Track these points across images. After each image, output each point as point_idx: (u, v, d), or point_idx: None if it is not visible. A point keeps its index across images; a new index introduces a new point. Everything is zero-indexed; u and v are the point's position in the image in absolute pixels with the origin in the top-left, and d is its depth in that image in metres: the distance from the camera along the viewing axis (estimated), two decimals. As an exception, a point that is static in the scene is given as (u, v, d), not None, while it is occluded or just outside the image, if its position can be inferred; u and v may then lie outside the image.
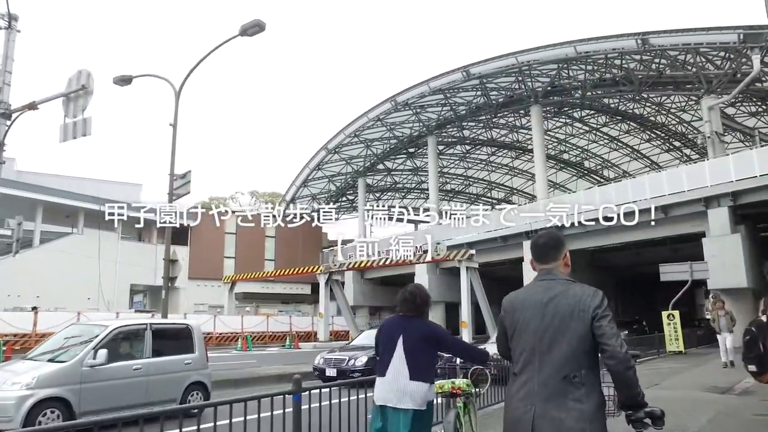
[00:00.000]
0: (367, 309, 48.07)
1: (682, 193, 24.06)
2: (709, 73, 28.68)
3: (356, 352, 13.78)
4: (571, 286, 2.69)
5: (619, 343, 2.47)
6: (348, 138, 47.55)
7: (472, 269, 25.82)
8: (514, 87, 38.45)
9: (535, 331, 2.62)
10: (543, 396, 2.51)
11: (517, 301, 2.79)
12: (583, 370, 2.51)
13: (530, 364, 2.60)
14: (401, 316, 4.28)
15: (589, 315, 2.54)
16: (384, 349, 4.17)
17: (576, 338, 2.53)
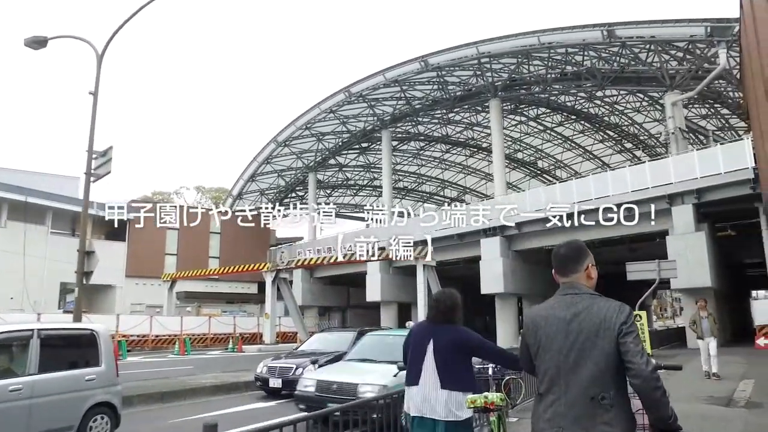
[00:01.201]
0: (317, 309, 46.66)
1: (646, 190, 23.34)
2: (673, 69, 28.26)
3: (304, 359, 12.08)
4: (596, 300, 2.55)
5: (644, 360, 2.35)
6: (299, 130, 45.63)
7: (429, 267, 24.44)
8: (472, 81, 37.44)
9: (559, 349, 2.51)
10: (570, 418, 2.41)
11: (539, 317, 2.66)
12: (612, 391, 2.39)
13: (556, 385, 2.50)
14: (430, 323, 4.14)
15: (615, 332, 2.42)
16: (413, 357, 4.06)
17: (603, 357, 2.41)
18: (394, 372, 6.69)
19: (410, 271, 30.79)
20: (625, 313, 2.48)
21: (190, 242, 45.59)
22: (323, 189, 59.00)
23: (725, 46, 24.00)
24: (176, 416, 9.75)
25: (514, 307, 32.29)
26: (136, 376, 14.42)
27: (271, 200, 58.21)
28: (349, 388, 7.92)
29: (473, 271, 31.51)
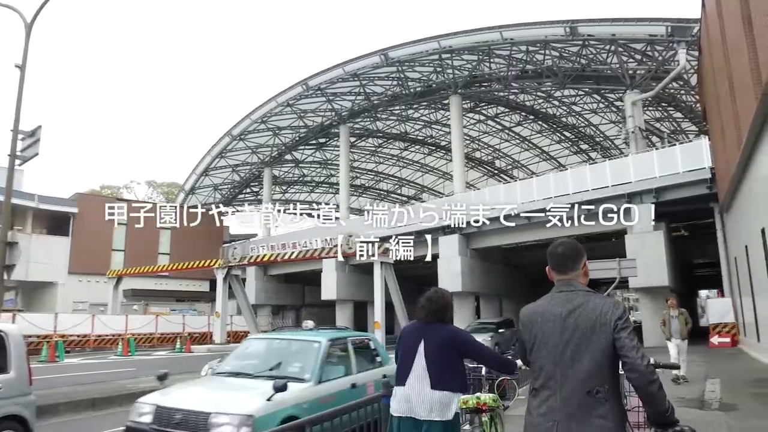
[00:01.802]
0: (270, 308, 45.55)
1: (605, 189, 23.24)
2: (632, 69, 28.40)
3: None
4: (591, 297, 2.57)
5: (639, 355, 2.38)
6: (255, 124, 44.38)
7: (386, 265, 23.72)
8: (433, 78, 37.02)
9: (555, 345, 2.53)
10: (566, 412, 2.44)
11: (535, 314, 2.67)
12: (606, 385, 2.43)
13: (551, 380, 2.52)
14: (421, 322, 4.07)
15: (610, 327, 2.44)
16: (404, 357, 4.00)
17: (599, 352, 2.44)
18: (268, 393, 5.33)
19: (367, 269, 30.11)
20: (620, 310, 2.50)
21: (138, 238, 43.67)
22: (279, 185, 57.83)
23: (685, 47, 24.17)
24: (107, 425, 8.76)
25: (472, 306, 31.96)
26: (69, 381, 13.31)
27: (225, 196, 56.74)
28: (198, 419, 5.37)
29: (431, 270, 31.04)
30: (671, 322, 11.69)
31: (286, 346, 7.35)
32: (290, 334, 8.30)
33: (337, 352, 7.10)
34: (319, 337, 6.97)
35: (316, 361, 6.40)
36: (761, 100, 9.78)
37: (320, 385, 6.21)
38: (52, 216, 40.47)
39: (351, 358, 7.08)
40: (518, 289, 36.03)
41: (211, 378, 6.86)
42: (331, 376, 6.54)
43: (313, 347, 6.68)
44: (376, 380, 6.99)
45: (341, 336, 7.50)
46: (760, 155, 11.72)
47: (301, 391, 5.95)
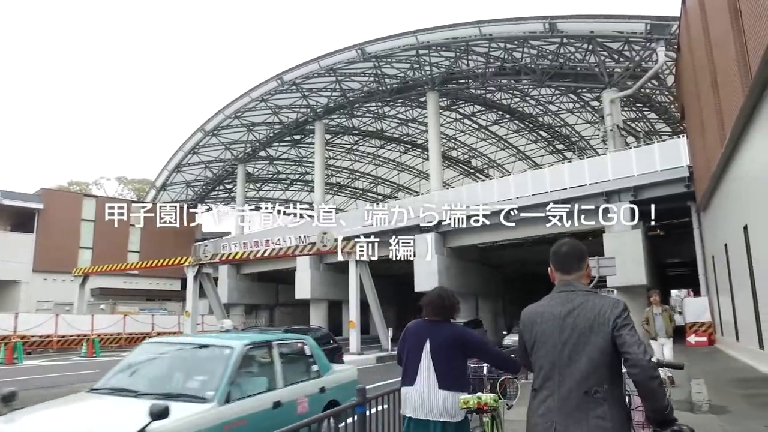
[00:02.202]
0: (243, 307, 44.76)
1: (583, 187, 23.05)
2: (611, 67, 28.34)
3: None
4: (591, 297, 2.56)
5: (641, 350, 2.36)
6: (228, 119, 43.47)
7: (362, 263, 23.20)
8: (410, 74, 36.61)
9: (554, 345, 2.52)
10: (564, 412, 2.42)
11: (535, 314, 2.66)
12: (605, 385, 2.41)
13: (550, 380, 2.50)
14: (427, 321, 3.99)
15: (609, 327, 2.43)
16: (409, 356, 3.92)
17: (597, 352, 2.43)
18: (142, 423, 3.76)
19: (342, 268, 29.59)
20: (619, 308, 2.48)
21: (107, 235, 42.53)
22: (253, 182, 56.97)
23: (663, 45, 24.13)
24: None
25: (449, 306, 31.60)
26: (24, 384, 12.51)
27: (197, 193, 55.71)
28: None
29: (407, 269, 30.62)
30: (655, 320, 10.97)
31: (190, 354, 5.79)
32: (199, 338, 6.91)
33: (258, 360, 5.72)
34: (233, 341, 5.60)
35: (225, 373, 4.94)
36: (750, 90, 9.49)
37: (227, 406, 4.74)
38: (16, 212, 39.15)
39: (276, 368, 5.70)
40: (494, 289, 35.84)
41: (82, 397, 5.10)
42: (246, 392, 5.12)
43: (223, 355, 5.22)
44: (312, 395, 5.96)
45: (264, 340, 6.06)
46: (744, 150, 11.50)
47: (197, 416, 4.42)
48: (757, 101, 9.70)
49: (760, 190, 10.48)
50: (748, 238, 12.11)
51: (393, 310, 44.25)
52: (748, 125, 10.65)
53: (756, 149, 10.49)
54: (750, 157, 11.08)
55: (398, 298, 43.80)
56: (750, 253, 12.11)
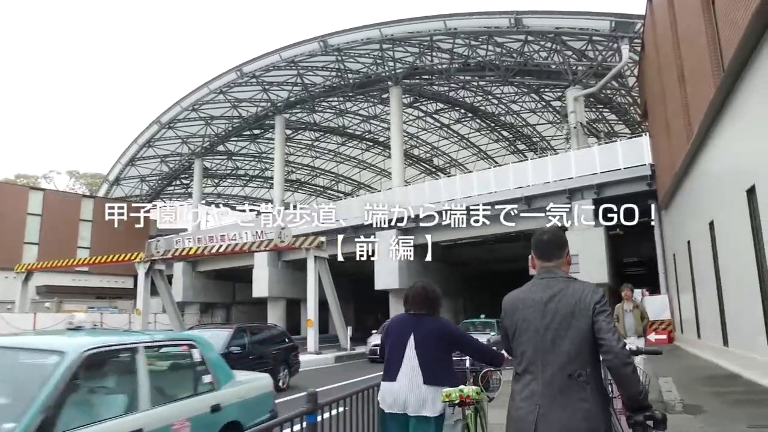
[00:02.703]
0: (199, 305, 43.63)
1: (547, 184, 22.91)
2: (575, 65, 28.37)
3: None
4: (572, 283, 2.61)
5: (615, 338, 2.43)
6: (185, 112, 42.11)
7: (321, 259, 22.48)
8: (373, 68, 36.08)
9: (536, 330, 2.57)
10: (548, 395, 2.46)
11: (517, 300, 2.70)
12: (588, 368, 2.46)
13: (533, 364, 2.54)
14: (410, 314, 3.96)
15: (589, 311, 2.49)
16: (392, 350, 3.85)
17: (579, 336, 2.48)
18: None
19: (300, 265, 28.89)
20: (599, 294, 2.54)
21: (54, 231, 40.75)
22: (211, 178, 55.62)
23: (627, 42, 24.21)
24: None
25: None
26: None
27: (153, 188, 54.03)
28: None
29: (367, 266, 30.07)
30: (625, 318, 10.08)
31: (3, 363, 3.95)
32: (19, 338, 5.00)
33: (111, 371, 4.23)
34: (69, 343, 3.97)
35: (39, 393, 3.33)
36: (723, 81, 9.26)
37: None
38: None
39: (140, 382, 4.11)
40: (455, 287, 35.60)
41: None
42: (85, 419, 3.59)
43: (45, 365, 3.58)
44: (198, 416, 4.53)
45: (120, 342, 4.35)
46: (712, 145, 11.33)
47: None
48: (728, 93, 9.48)
49: (728, 184, 10.29)
50: (714, 235, 11.97)
51: (352, 308, 43.76)
52: (718, 118, 10.44)
53: (726, 142, 10.30)
54: (719, 151, 10.91)
55: (357, 296, 43.30)
56: (716, 250, 11.97)
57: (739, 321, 10.64)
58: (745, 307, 9.93)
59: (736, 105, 9.37)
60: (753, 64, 8.25)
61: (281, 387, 12.17)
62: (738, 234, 9.89)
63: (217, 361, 5.29)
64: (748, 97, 8.83)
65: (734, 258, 10.47)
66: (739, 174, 9.58)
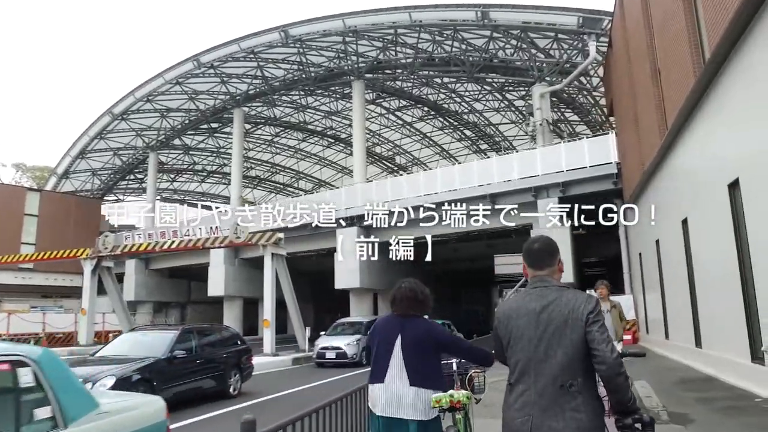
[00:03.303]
0: (152, 305, 41.97)
1: (512, 182, 22.45)
2: (541, 61, 28.05)
3: (102, 368, 8.79)
4: (564, 292, 2.61)
5: (609, 348, 2.44)
6: (139, 102, 40.33)
7: (278, 257, 21.46)
8: (336, 63, 35.18)
9: (529, 339, 2.56)
10: (540, 406, 2.47)
11: (510, 310, 2.69)
12: (579, 378, 2.46)
13: (526, 374, 2.55)
14: (398, 315, 3.84)
15: (582, 321, 2.49)
16: (379, 352, 3.77)
17: (571, 346, 2.48)
18: None
19: (258, 263, 27.74)
20: (592, 304, 2.54)
21: (-5, 224, 38.48)
22: (167, 173, 53.83)
23: (595, 39, 23.96)
24: None
25: (370, 304, 30.42)
26: None
27: (105, 182, 51.85)
28: None
29: (326, 265, 29.22)
30: None
31: None
32: None
33: None
34: None
35: None
36: (705, 68, 8.77)
37: None
38: None
39: None
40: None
41: None
42: None
43: None
44: None
45: None
46: (690, 139, 10.89)
47: None
48: (710, 82, 9.01)
49: (707, 179, 9.86)
50: (688, 232, 11.57)
51: (312, 308, 42.82)
52: (698, 110, 9.99)
53: (706, 135, 9.85)
54: (697, 145, 10.47)
55: (317, 296, 42.38)
56: (689, 248, 11.57)
57: (714, 322, 10.23)
58: (722, 308, 9.51)
59: (718, 94, 8.91)
60: (741, 49, 7.78)
61: (232, 394, 11.26)
62: (717, 231, 9.46)
63: (68, 384, 3.56)
64: (732, 85, 8.38)
65: (711, 256, 10.05)
66: (720, 168, 9.13)
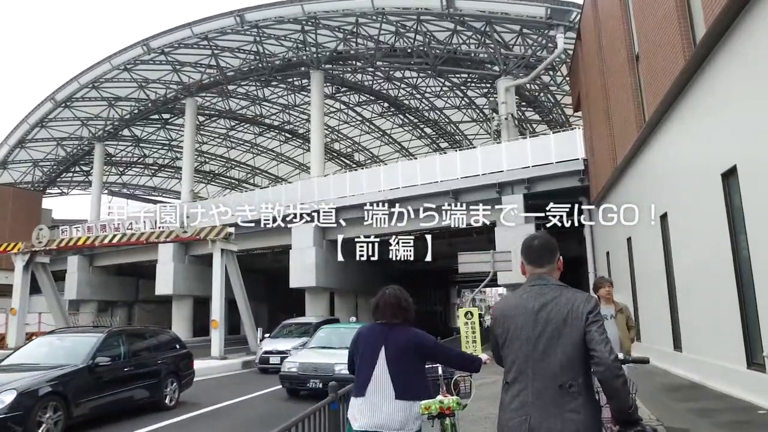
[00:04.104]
0: (97, 304, 39.74)
1: (476, 177, 21.59)
2: (506, 54, 27.33)
3: (3, 379, 7.39)
4: (564, 291, 2.54)
5: (607, 349, 2.36)
6: (84, 89, 37.96)
7: (228, 253, 20.05)
8: (294, 52, 33.82)
9: (527, 338, 2.48)
10: (538, 406, 2.39)
11: (507, 308, 2.63)
12: (579, 379, 2.39)
13: (523, 374, 2.47)
14: (381, 324, 3.66)
15: (582, 321, 2.42)
16: (362, 363, 3.58)
17: (570, 345, 2.41)
18: None
19: (209, 260, 26.03)
20: (591, 303, 2.48)
21: None
22: (115, 165, 51.29)
23: (563, 31, 23.34)
24: None
25: (326, 303, 29.22)
26: None
27: (47, 174, 49.06)
28: None
29: (282, 263, 27.93)
30: None
31: None
32: None
33: None
34: None
35: None
36: (698, 48, 7.97)
37: None
38: None
39: None
40: (377, 286, 33.92)
41: None
42: None
43: None
44: None
45: None
46: (673, 129, 10.14)
47: None
48: (702, 62, 8.23)
49: (694, 170, 9.09)
50: (668, 228, 10.84)
51: (266, 308, 41.45)
52: (684, 96, 9.21)
53: (697, 122, 9.07)
54: (684, 134, 9.69)
55: (272, 295, 41.00)
56: (668, 245, 10.85)
57: (699, 323, 9.48)
58: (710, 309, 8.74)
59: (711, 77, 8.13)
60: (740, 25, 6.98)
61: (168, 405, 9.91)
62: (706, 225, 8.69)
63: None
64: (726, 65, 7.60)
65: (698, 253, 9.29)
66: (711, 157, 8.36)
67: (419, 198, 22.17)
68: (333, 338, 12.66)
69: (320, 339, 13.06)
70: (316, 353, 11.86)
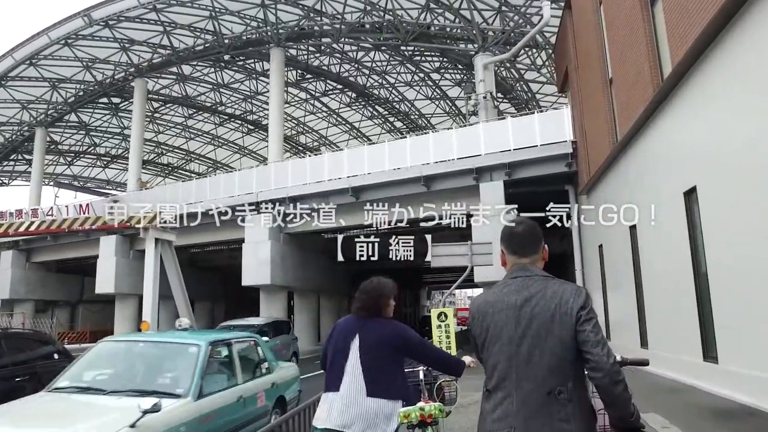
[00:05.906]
0: (34, 304, 36.26)
1: (451, 162, 19.28)
2: (487, 29, 25.20)
3: None
4: (550, 283, 2.23)
5: (605, 352, 2.07)
6: (21, 66, 34.53)
7: (164, 243, 17.24)
8: (253, 31, 31.23)
9: (510, 339, 2.19)
10: (524, 415, 2.11)
11: (486, 304, 2.30)
12: (569, 383, 2.10)
13: (506, 379, 2.17)
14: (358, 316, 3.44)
15: (573, 318, 2.12)
16: (334, 357, 3.37)
17: (560, 346, 2.12)
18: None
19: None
20: (582, 297, 2.18)
21: None
22: (61, 154, 47.73)
23: (549, 1, 21.26)
24: None
25: (284, 304, 26.59)
26: None
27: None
28: None
29: (237, 260, 25.27)
30: None
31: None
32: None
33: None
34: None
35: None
36: None
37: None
38: None
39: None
40: (340, 285, 31.58)
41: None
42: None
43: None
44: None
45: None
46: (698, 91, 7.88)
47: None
48: None
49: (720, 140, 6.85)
50: (692, 208, 8.60)
51: (223, 308, 38.82)
52: (717, 45, 6.95)
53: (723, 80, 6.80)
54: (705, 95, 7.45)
55: (228, 294, 38.27)
56: (693, 230, 8.62)
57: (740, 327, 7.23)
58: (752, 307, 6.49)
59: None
60: None
61: None
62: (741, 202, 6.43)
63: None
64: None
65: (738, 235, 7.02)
66: None
67: (387, 186, 19.82)
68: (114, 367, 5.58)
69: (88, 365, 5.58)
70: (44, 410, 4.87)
